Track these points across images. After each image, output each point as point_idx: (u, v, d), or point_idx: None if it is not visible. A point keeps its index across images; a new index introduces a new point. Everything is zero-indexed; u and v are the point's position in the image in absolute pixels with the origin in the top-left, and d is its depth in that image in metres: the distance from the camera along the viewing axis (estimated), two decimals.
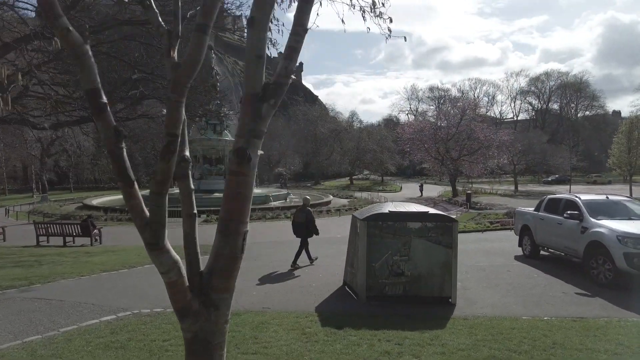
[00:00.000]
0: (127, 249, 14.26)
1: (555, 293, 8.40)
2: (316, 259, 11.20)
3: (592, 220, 9.60)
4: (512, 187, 53.90)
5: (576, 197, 10.74)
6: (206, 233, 4.90)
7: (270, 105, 2.34)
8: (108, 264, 11.36)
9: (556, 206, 11.29)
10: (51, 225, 17.13)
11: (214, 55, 37.72)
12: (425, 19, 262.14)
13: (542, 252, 12.03)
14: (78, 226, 16.73)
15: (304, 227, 10.79)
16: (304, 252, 10.85)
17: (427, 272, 7.61)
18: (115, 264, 11.28)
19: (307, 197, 12.55)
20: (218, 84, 36.78)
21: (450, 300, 7.59)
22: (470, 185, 56.09)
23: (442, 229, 7.63)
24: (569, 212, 10.21)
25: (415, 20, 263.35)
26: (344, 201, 36.48)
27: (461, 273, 9.98)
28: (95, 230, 16.83)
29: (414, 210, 7.84)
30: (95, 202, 31.17)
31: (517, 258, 12.25)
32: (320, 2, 5.04)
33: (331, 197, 37.94)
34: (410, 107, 65.06)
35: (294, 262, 10.61)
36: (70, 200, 35.72)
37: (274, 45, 12.48)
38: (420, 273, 7.61)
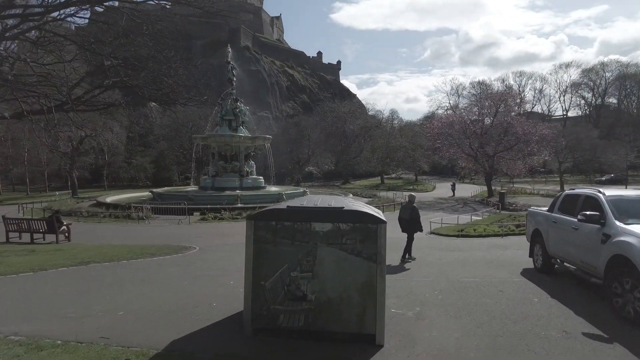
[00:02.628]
0: (77, 248, 12.66)
1: (552, 332, 5.56)
2: (414, 259, 10.79)
3: (618, 224, 6.59)
4: (558, 188, 48.48)
5: (599, 192, 7.67)
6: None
7: None
8: (25, 265, 9.65)
9: (573, 205, 8.24)
10: (23, 222, 15.97)
11: (229, 50, 36.12)
12: (471, 15, 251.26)
13: (561, 266, 8.97)
14: (44, 222, 15.43)
15: (409, 223, 10.94)
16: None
17: (339, 296, 5.08)
18: (33, 265, 9.54)
19: (413, 194, 12.62)
20: (234, 78, 35.26)
21: (375, 339, 5.02)
22: (511, 185, 51.24)
23: (362, 234, 5.07)
24: (585, 212, 7.20)
25: (461, 17, 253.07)
26: (365, 200, 33.73)
27: (432, 291, 7.35)
28: (63, 227, 15.46)
29: (322, 205, 5.31)
30: (110, 199, 30.52)
31: (524, 272, 9.27)
32: None
33: (351, 195, 35.24)
34: (450, 103, 60.66)
35: (404, 256, 10.62)
36: (95, 197, 35.53)
37: None
38: (330, 297, 5.09)
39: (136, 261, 10.47)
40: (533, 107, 76.30)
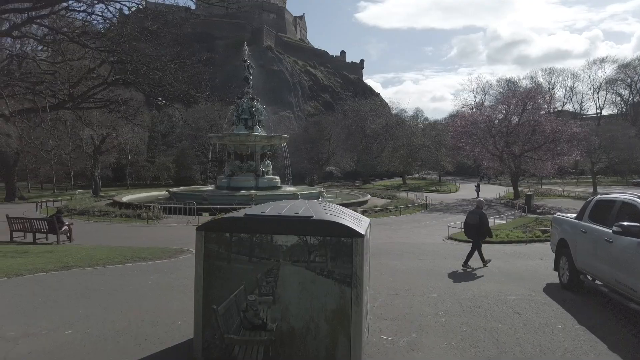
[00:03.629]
0: (70, 250, 12.14)
1: None
2: (489, 261, 10.52)
3: None
4: (591, 189, 45.76)
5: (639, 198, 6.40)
6: None
7: None
8: (4, 269, 9.06)
9: (607, 212, 6.98)
10: (26, 221, 15.69)
11: (246, 48, 35.53)
12: (499, 12, 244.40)
13: (591, 283, 7.70)
14: (45, 222, 15.07)
15: (477, 229, 10.62)
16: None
17: (305, 325, 4.11)
18: (12, 269, 8.93)
19: (481, 199, 12.50)
20: (251, 77, 34.67)
21: None
22: (540, 186, 48.77)
23: (334, 250, 4.08)
24: (622, 223, 5.97)
25: (488, 14, 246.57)
26: (383, 201, 32.51)
27: (435, 311, 6.31)
28: (64, 227, 15.07)
29: (287, 214, 4.34)
30: (125, 198, 30.43)
31: (548, 289, 8.05)
32: None
33: (369, 196, 34.12)
34: (476, 101, 58.37)
35: (466, 262, 10.19)
36: (114, 195, 35.69)
37: None
38: (295, 327, 4.12)
39: (123, 266, 9.80)
40: (564, 106, 72.82)
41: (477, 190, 41.77)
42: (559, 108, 68.24)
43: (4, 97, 11.34)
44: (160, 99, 16.26)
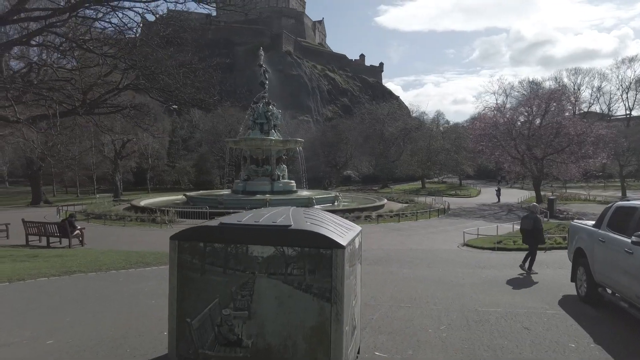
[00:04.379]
0: (79, 254, 12.20)
1: None
2: (532, 274, 9.98)
3: None
4: (619, 193, 43.88)
5: None
6: None
7: None
8: (9, 273, 9.09)
9: (627, 220, 6.44)
10: (41, 225, 15.93)
11: (262, 52, 35.62)
12: (523, 13, 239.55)
13: (611, 296, 7.13)
14: (57, 226, 15.25)
15: (532, 234, 10.47)
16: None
17: (282, 343, 3.80)
18: (16, 274, 8.95)
19: (535, 204, 12.49)
20: (267, 81, 34.69)
21: None
22: (564, 190, 47.10)
23: (312, 262, 3.76)
24: None
25: (511, 15, 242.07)
26: (400, 206, 31.97)
27: (437, 324, 5.92)
28: (76, 231, 15.21)
29: (264, 222, 4.04)
30: (143, 202, 30.85)
31: (563, 301, 7.51)
32: None
33: (385, 200, 33.55)
34: (497, 103, 56.68)
35: (526, 266, 10.19)
36: (135, 199, 36.25)
37: None
38: (271, 344, 3.82)
39: (125, 271, 9.72)
40: (590, 107, 70.21)
41: (498, 195, 40.66)
42: (585, 109, 65.89)
43: (13, 105, 11.44)
44: (171, 104, 16.29)
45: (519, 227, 21.24)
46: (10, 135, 27.86)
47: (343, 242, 3.80)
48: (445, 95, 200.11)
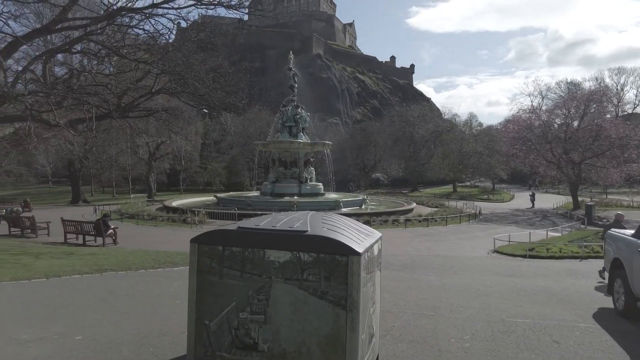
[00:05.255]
0: (112, 253, 12.66)
1: None
2: None
3: None
4: None
5: None
6: None
7: None
8: (46, 269, 9.56)
9: None
10: (78, 224, 16.64)
11: (292, 56, 35.94)
12: (561, 11, 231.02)
13: None
14: (93, 225, 15.89)
15: None
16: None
17: (297, 349, 3.79)
18: (52, 271, 9.40)
19: (620, 212, 12.46)
20: (296, 85, 34.97)
21: None
22: (604, 196, 44.95)
23: (327, 269, 3.74)
24: None
25: (548, 14, 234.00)
26: (429, 210, 31.38)
27: (460, 335, 5.80)
28: (110, 230, 15.80)
29: (281, 227, 4.05)
30: (175, 203, 31.72)
31: (598, 315, 7.16)
32: None
33: (414, 204, 33.05)
34: (533, 105, 54.67)
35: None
36: (167, 200, 37.31)
37: None
38: (286, 350, 3.82)
39: (153, 271, 10.00)
40: (635, 108, 66.75)
41: (532, 200, 39.28)
42: (630, 111, 62.77)
43: (53, 110, 12.03)
44: (202, 107, 16.70)
45: (553, 234, 20.59)
46: (53, 138, 29.35)
47: (359, 249, 3.76)
48: (479, 97, 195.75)
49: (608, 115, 34.50)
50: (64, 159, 40.96)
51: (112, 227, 16.15)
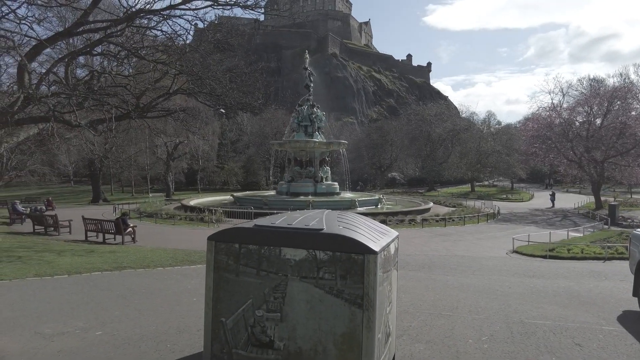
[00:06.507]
0: (130, 251, 12.89)
1: None
2: None
3: None
4: None
5: None
6: None
7: None
8: (70, 266, 9.80)
9: None
10: (98, 223, 16.99)
11: (307, 56, 36.00)
12: (584, 6, 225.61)
13: None
14: (113, 224, 16.19)
15: None
16: None
17: (313, 348, 3.79)
18: (74, 268, 9.64)
19: None
20: (311, 84, 35.00)
21: None
22: (629, 196, 43.74)
23: (343, 267, 3.72)
24: None
25: (570, 9, 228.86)
26: (447, 210, 31.05)
27: (478, 336, 5.76)
28: (129, 229, 16.09)
29: (297, 225, 4.05)
30: (193, 202, 32.12)
31: (623, 317, 6.96)
32: None
33: (431, 204, 32.75)
34: (553, 103, 53.63)
35: None
36: (185, 199, 37.83)
37: None
38: (302, 348, 3.82)
39: (171, 269, 10.14)
40: None
41: (552, 199, 38.49)
42: None
43: (74, 110, 12.29)
44: (219, 107, 16.88)
45: (575, 234, 20.12)
46: (75, 138, 30.04)
47: (376, 248, 3.73)
48: (498, 95, 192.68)
49: (633, 113, 33.46)
50: (85, 159, 41.90)
51: (131, 225, 16.44)
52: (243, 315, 4.04)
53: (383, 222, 20.23)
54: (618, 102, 33.29)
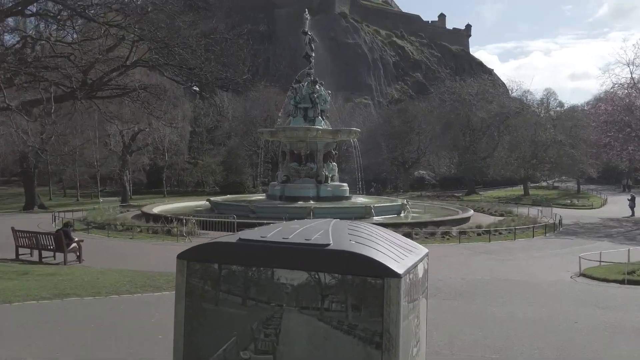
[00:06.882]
0: (75, 273, 12.99)
1: None
2: None
3: None
4: None
5: None
6: None
7: None
8: None
9: None
10: (32, 236, 17.09)
11: (307, 16, 36.06)
12: None
13: None
14: (52, 238, 16.30)
15: None
16: None
17: None
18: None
19: None
20: (312, 53, 35.10)
21: None
22: None
23: (357, 294, 3.74)
24: None
25: None
26: (492, 219, 31.14)
27: None
28: (73, 244, 16.21)
29: (295, 240, 4.07)
30: (157, 209, 32.25)
31: None
32: None
33: (471, 211, 32.82)
34: (634, 78, 53.36)
35: None
36: (146, 205, 38.13)
37: None
38: None
39: (129, 297, 10.23)
40: None
41: (632, 206, 38.62)
42: None
43: (2, 89, 12.44)
44: (191, 84, 17.01)
45: None
46: (1, 125, 30.23)
47: (399, 270, 3.74)
48: (559, 68, 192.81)
49: None
50: (16, 153, 42.14)
51: (76, 239, 16.56)
52: (224, 358, 4.07)
53: (408, 235, 20.29)
54: None
